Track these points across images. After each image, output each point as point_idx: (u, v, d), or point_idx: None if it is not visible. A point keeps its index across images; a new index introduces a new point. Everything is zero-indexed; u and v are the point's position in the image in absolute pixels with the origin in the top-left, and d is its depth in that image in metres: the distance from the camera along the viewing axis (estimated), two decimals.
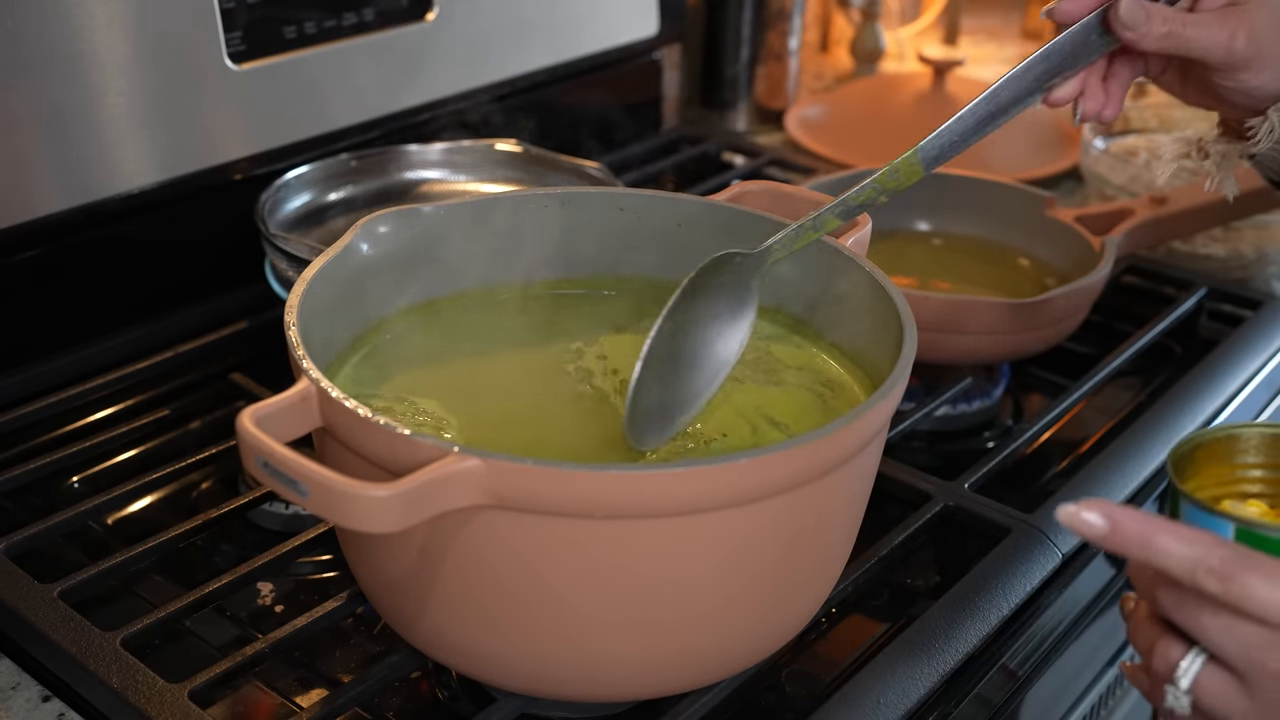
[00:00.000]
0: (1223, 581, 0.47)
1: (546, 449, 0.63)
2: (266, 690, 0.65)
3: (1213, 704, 0.50)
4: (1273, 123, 0.67)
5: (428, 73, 1.05)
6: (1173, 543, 0.48)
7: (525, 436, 0.64)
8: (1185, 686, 0.51)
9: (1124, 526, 0.49)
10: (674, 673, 0.59)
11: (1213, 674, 0.50)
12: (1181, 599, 0.50)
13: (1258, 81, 0.65)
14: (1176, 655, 0.51)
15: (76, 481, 0.82)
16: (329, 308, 0.64)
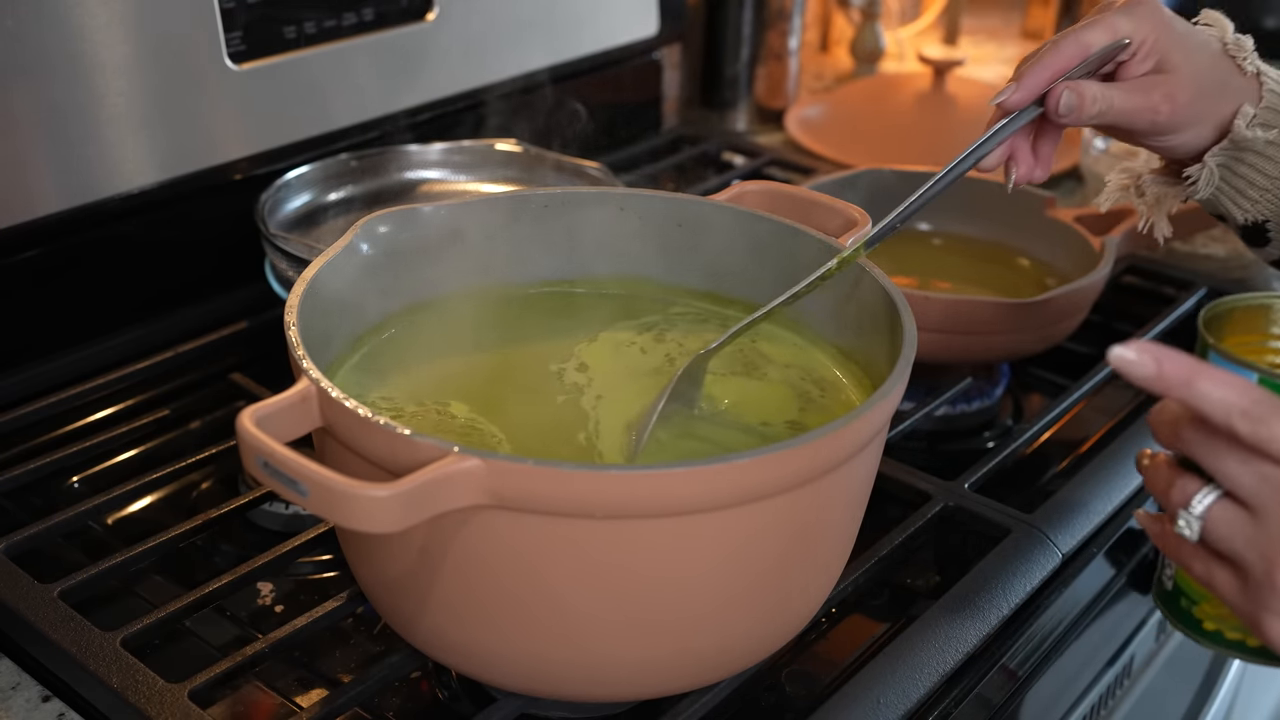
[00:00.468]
0: (1253, 423, 0.51)
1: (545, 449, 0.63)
2: (266, 690, 0.65)
3: (1222, 532, 0.54)
4: (1211, 170, 0.70)
5: (428, 73, 1.05)
6: (1211, 385, 0.51)
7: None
8: (1198, 513, 0.55)
9: (1169, 368, 0.52)
10: (674, 673, 0.59)
11: (1225, 506, 0.54)
12: (1208, 439, 0.53)
13: (1179, 141, 0.69)
14: (1193, 489, 0.55)
15: (76, 481, 0.82)
16: (329, 308, 0.64)
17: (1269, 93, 0.69)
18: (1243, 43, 0.70)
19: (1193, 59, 0.68)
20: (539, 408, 0.66)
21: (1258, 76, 0.69)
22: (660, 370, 0.69)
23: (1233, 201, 0.71)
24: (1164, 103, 0.67)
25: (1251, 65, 0.69)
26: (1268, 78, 0.70)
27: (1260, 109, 0.69)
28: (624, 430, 0.63)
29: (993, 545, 0.73)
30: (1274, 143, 0.69)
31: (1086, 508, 0.78)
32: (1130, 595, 0.83)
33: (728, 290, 0.74)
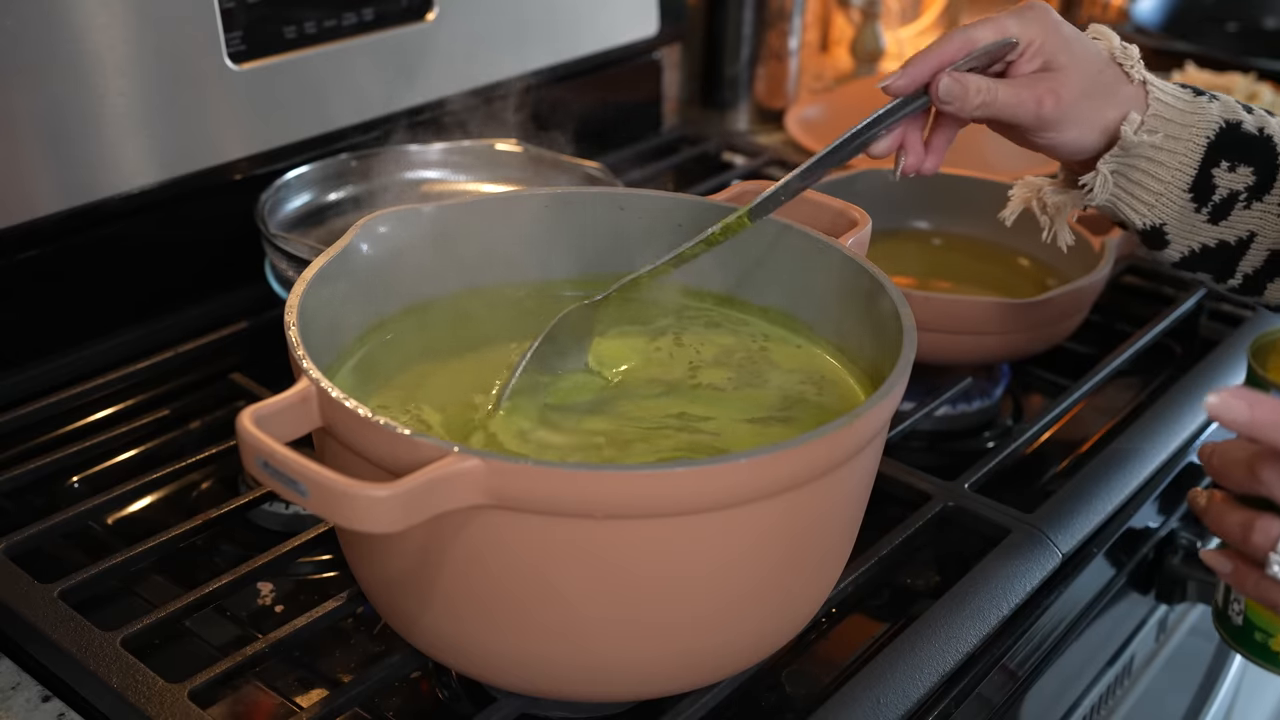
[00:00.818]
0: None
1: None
2: (266, 690, 0.65)
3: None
4: (1104, 175, 0.71)
5: (428, 73, 1.05)
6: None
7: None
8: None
9: (1260, 413, 0.54)
10: (674, 673, 0.59)
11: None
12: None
13: (1065, 139, 0.70)
14: (1277, 530, 0.57)
15: (76, 481, 0.82)
16: (329, 308, 0.64)
17: (1155, 100, 0.70)
18: (1130, 51, 0.71)
19: (1080, 61, 0.69)
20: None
21: (1144, 85, 0.71)
22: (671, 368, 0.69)
23: (1130, 207, 0.73)
24: (1048, 96, 0.68)
25: (1138, 73, 0.71)
26: (1154, 86, 0.71)
27: (1147, 116, 0.70)
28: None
29: (993, 545, 0.73)
30: (1161, 148, 0.71)
31: (1086, 508, 0.78)
32: (1130, 595, 0.83)
33: (728, 290, 0.74)
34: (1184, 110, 0.71)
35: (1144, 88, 0.71)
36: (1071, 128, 0.70)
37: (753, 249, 0.72)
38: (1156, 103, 0.71)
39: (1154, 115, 0.71)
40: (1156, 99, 0.71)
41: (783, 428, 0.64)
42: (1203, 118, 0.71)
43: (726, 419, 0.64)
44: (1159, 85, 0.72)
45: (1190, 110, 0.71)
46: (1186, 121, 0.71)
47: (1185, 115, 0.71)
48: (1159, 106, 0.71)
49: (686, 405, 0.65)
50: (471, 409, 0.64)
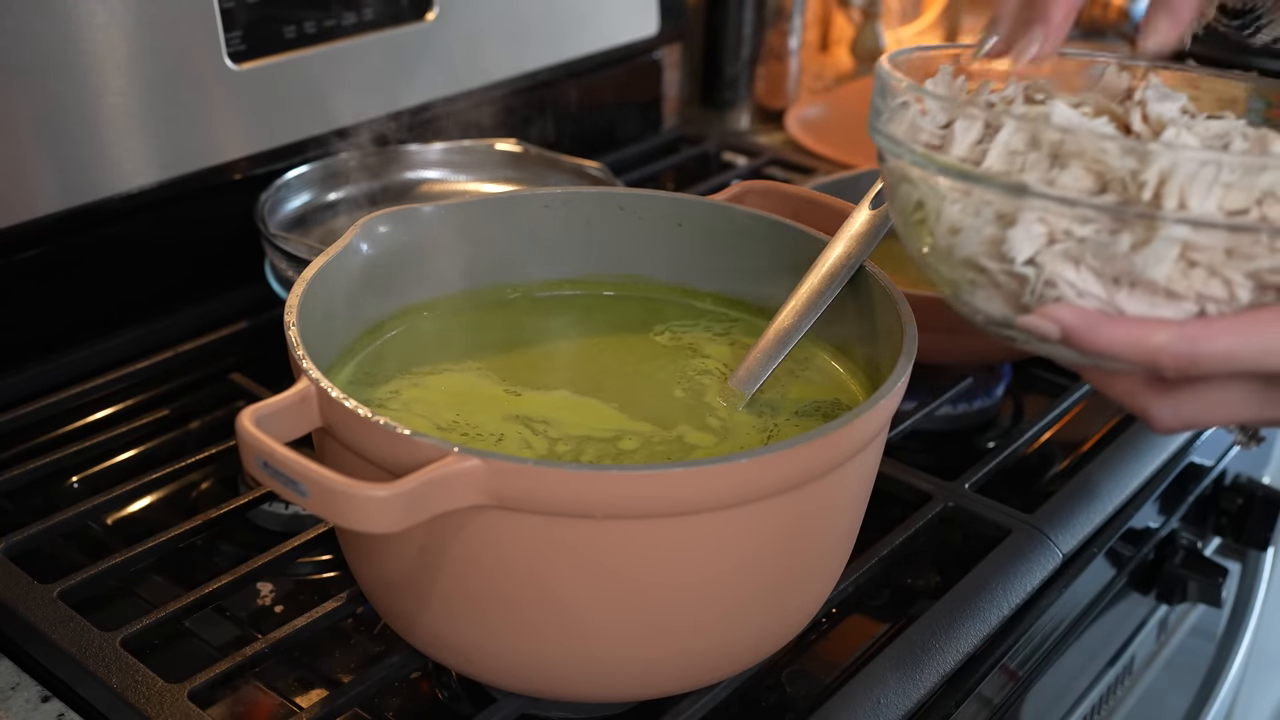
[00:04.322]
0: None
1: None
2: (266, 690, 0.65)
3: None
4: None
5: (427, 72, 1.05)
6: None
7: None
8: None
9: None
10: (674, 673, 0.59)
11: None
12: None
13: None
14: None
15: (76, 481, 0.82)
16: (329, 308, 0.64)
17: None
18: None
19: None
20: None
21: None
22: (666, 365, 0.69)
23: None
24: None
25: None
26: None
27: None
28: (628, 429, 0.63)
29: (993, 545, 0.73)
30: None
31: (1086, 508, 0.78)
32: (1131, 595, 0.83)
33: (729, 290, 0.74)
34: None
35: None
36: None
37: (750, 249, 0.72)
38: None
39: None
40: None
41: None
42: None
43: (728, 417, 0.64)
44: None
45: None
46: None
47: None
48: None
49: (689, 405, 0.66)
50: (471, 410, 0.64)
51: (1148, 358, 0.47)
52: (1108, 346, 0.47)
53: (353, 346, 0.68)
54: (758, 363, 0.65)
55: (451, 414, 0.63)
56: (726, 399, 0.66)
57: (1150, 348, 0.47)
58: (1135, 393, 0.50)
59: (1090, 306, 0.48)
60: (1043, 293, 0.49)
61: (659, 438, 0.62)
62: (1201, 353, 0.46)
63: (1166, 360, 0.47)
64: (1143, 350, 0.47)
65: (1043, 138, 0.50)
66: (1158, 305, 0.48)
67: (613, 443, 0.62)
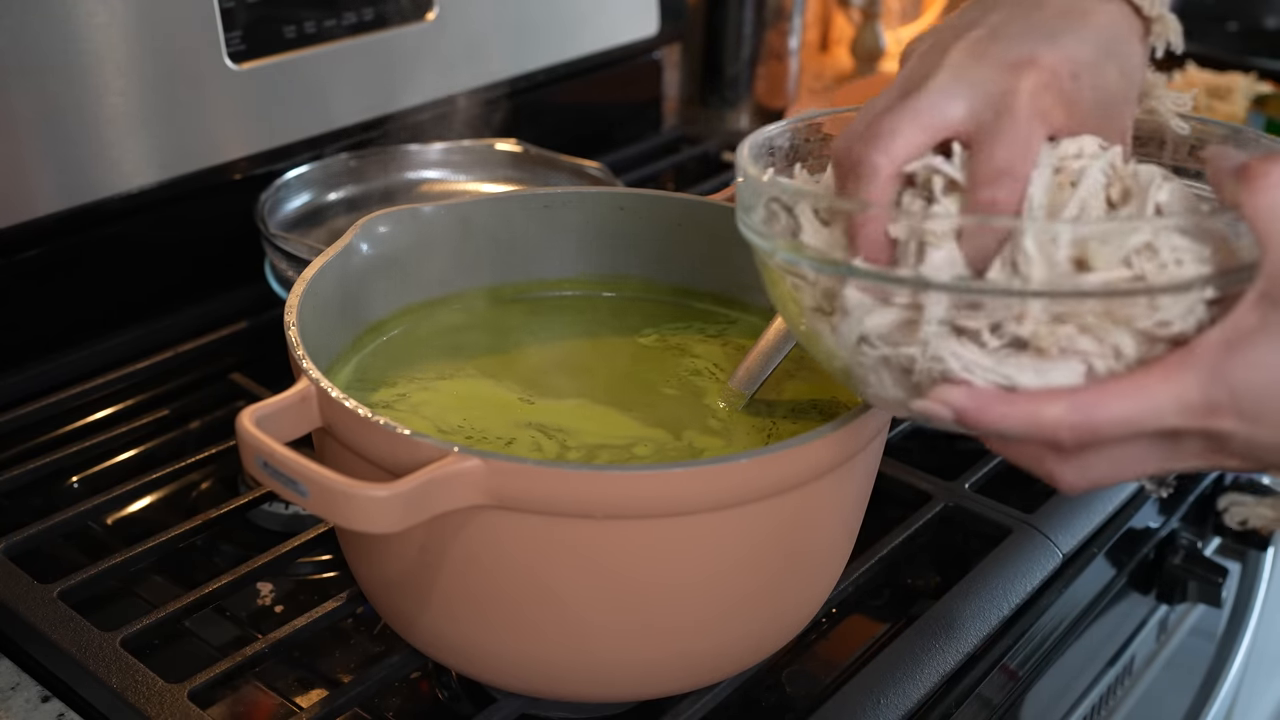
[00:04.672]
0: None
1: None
2: (266, 690, 0.65)
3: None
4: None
5: (427, 72, 1.05)
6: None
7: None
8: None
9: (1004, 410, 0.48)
10: (674, 673, 0.59)
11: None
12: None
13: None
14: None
15: (76, 481, 0.82)
16: (329, 308, 0.64)
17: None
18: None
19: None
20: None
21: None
22: (659, 366, 0.69)
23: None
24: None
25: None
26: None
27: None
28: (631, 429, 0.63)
29: (993, 545, 0.73)
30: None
31: (1086, 508, 0.77)
32: (1131, 595, 0.83)
33: (728, 291, 0.74)
34: None
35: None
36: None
37: (750, 249, 0.72)
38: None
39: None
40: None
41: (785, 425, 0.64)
42: None
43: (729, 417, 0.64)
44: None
45: None
46: None
47: None
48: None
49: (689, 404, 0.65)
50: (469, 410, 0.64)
51: (1045, 433, 0.46)
52: (1002, 425, 0.46)
53: (353, 346, 0.68)
54: (757, 363, 0.65)
55: (458, 418, 0.63)
56: (726, 400, 0.65)
57: (1046, 424, 0.46)
58: (1040, 458, 0.49)
59: (980, 380, 0.47)
60: (929, 368, 0.47)
61: (671, 445, 0.62)
62: (1098, 422, 0.45)
63: (1064, 435, 0.46)
64: (1038, 426, 0.46)
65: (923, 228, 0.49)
66: (1046, 371, 0.46)
67: (627, 449, 0.61)
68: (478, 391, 0.66)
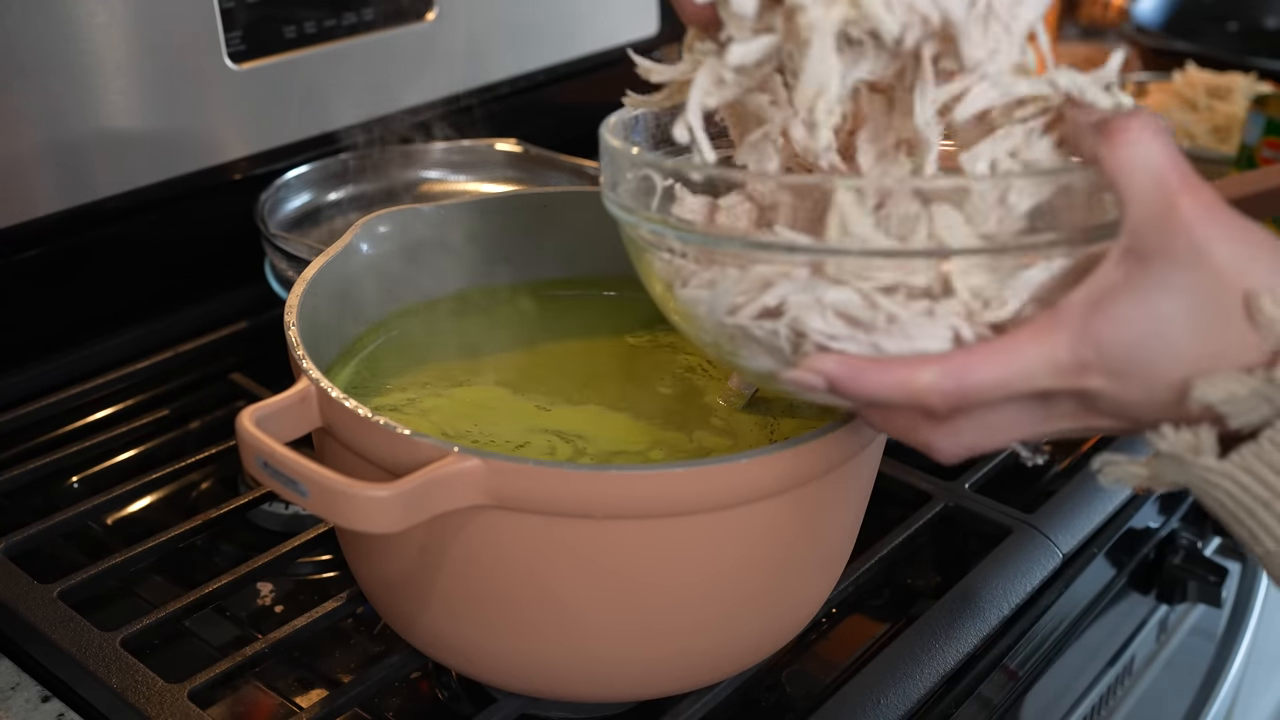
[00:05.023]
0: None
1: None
2: (266, 690, 0.65)
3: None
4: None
5: (428, 72, 1.05)
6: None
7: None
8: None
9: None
10: (674, 673, 0.59)
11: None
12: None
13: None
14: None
15: (76, 481, 0.82)
16: (329, 308, 0.64)
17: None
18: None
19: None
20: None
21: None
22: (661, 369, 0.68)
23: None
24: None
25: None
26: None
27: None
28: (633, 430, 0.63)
29: (993, 545, 0.73)
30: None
31: (1086, 508, 0.77)
32: (1131, 595, 0.83)
33: None
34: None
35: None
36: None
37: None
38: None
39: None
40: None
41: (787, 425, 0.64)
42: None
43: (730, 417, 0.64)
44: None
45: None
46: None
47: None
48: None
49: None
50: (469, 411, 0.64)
51: (916, 399, 0.46)
52: (875, 392, 0.46)
53: (353, 346, 0.68)
54: None
55: (468, 424, 0.63)
56: (726, 399, 0.65)
57: (917, 389, 0.45)
58: (914, 427, 0.49)
59: (849, 350, 0.47)
60: (797, 343, 0.47)
61: (685, 446, 0.62)
62: (969, 386, 0.45)
63: (935, 400, 0.45)
64: (910, 392, 0.46)
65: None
66: (913, 338, 0.46)
67: (643, 454, 0.61)
68: (484, 397, 0.65)
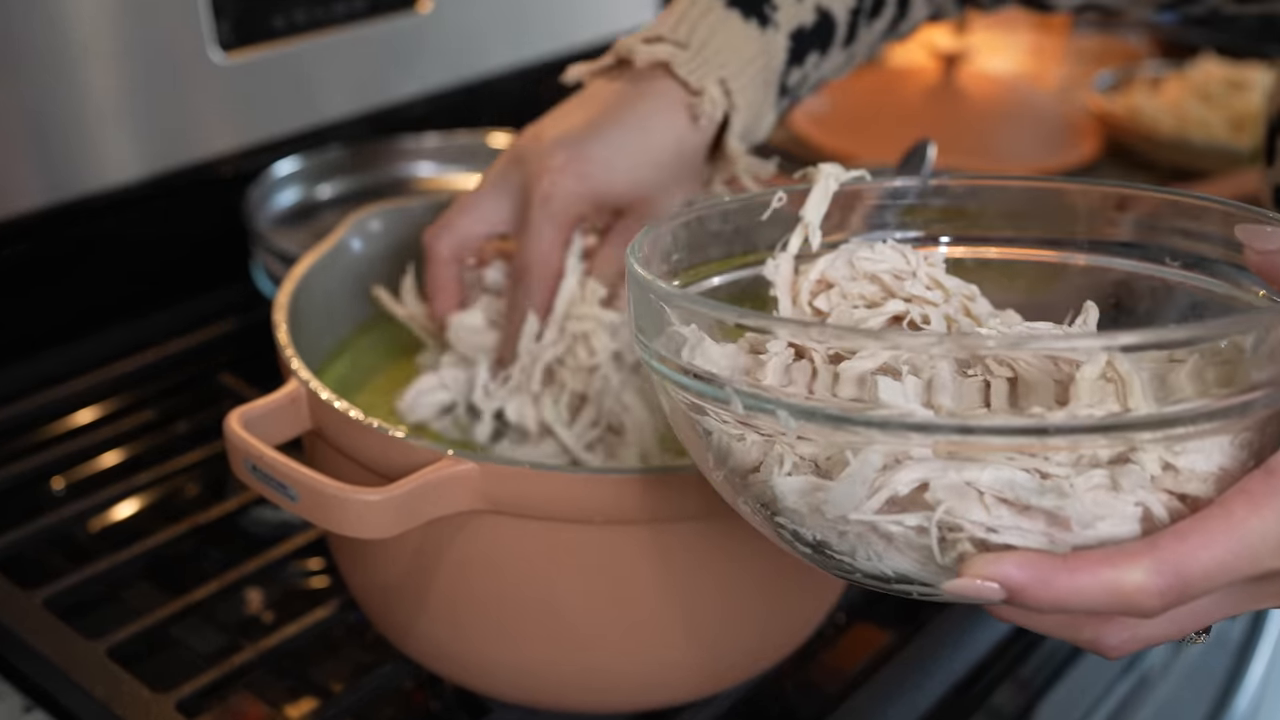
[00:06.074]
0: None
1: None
2: (255, 700, 0.64)
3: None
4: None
5: (422, 63, 1.05)
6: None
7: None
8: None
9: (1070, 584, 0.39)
10: (675, 682, 0.58)
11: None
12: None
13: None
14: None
15: (59, 485, 0.81)
16: (319, 306, 0.64)
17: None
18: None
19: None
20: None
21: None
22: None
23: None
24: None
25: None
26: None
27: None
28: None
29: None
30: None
31: None
32: None
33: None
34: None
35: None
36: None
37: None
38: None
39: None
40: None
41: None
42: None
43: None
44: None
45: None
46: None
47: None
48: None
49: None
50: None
51: (1129, 603, 0.37)
52: (1073, 599, 0.37)
53: (343, 346, 0.67)
54: None
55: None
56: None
57: (1128, 591, 0.37)
58: (1080, 625, 0.41)
59: (1014, 544, 0.38)
60: (947, 539, 0.38)
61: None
62: (1191, 578, 0.37)
63: (1153, 601, 0.37)
64: (1120, 595, 0.37)
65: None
66: (1093, 522, 0.37)
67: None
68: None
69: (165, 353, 0.90)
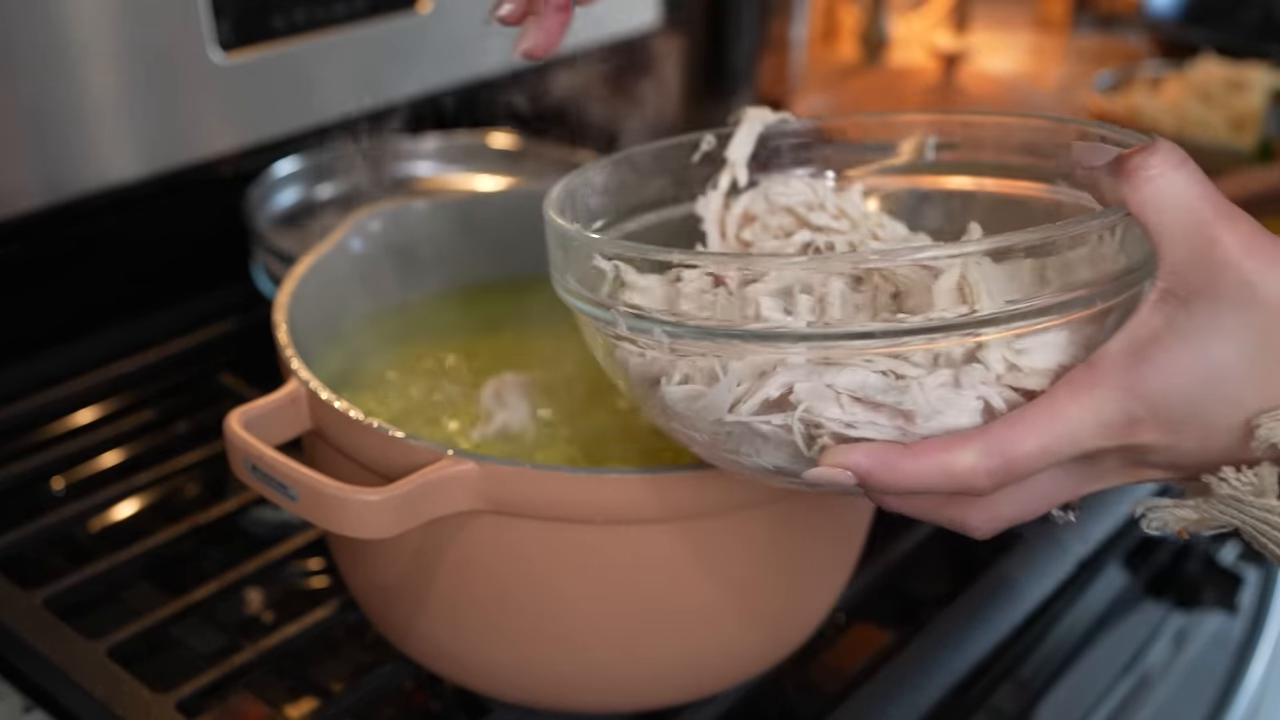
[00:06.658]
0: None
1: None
2: (256, 700, 0.64)
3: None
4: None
5: (422, 63, 1.05)
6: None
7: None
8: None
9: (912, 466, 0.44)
10: (676, 682, 0.58)
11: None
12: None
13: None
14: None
15: (59, 485, 0.81)
16: (319, 306, 0.64)
17: None
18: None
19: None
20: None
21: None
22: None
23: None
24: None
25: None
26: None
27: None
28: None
29: (1005, 551, 0.73)
30: None
31: (1101, 512, 0.77)
32: (1146, 602, 0.82)
33: None
34: None
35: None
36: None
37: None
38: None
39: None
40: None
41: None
42: None
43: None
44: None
45: None
46: None
47: None
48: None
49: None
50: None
51: (961, 483, 0.41)
52: (913, 482, 0.42)
53: (344, 346, 0.67)
54: None
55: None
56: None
57: (960, 472, 0.41)
58: (940, 506, 0.45)
59: (870, 436, 0.42)
60: (811, 436, 0.43)
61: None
62: (1016, 459, 0.41)
63: (982, 481, 0.41)
64: (953, 476, 0.41)
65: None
66: (941, 411, 0.42)
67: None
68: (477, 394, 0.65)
69: (165, 353, 0.89)
